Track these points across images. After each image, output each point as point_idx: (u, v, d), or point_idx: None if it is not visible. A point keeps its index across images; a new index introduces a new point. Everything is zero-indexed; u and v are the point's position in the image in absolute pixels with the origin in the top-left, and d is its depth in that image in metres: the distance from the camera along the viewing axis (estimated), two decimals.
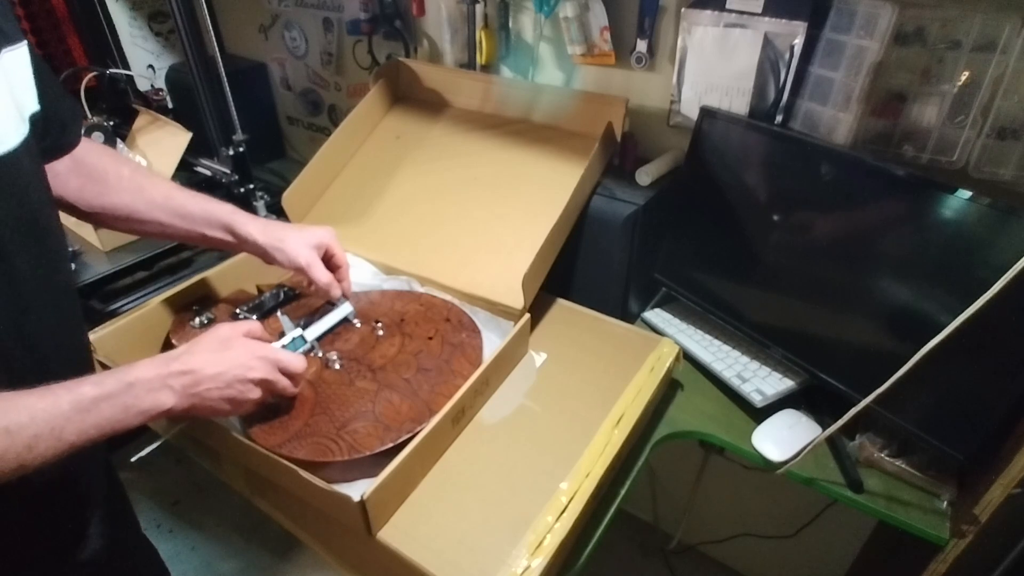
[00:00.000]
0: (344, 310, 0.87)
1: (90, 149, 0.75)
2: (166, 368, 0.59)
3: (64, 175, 0.72)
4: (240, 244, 0.80)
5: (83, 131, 0.74)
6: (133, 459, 0.73)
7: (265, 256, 0.81)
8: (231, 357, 0.63)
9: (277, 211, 1.08)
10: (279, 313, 0.85)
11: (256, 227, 0.80)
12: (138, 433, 0.63)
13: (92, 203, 0.74)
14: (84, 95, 1.42)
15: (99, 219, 0.77)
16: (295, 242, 0.80)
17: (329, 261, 0.84)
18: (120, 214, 0.76)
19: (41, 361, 0.60)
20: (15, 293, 0.57)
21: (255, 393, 0.65)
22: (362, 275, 1.02)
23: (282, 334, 0.80)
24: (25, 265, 0.57)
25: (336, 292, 0.83)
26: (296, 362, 0.69)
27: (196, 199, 0.79)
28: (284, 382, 0.68)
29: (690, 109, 1.07)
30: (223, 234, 0.79)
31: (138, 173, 0.78)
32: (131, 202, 0.76)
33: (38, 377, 0.53)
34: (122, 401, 0.56)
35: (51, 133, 0.67)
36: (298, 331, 0.80)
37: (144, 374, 0.58)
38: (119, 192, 0.75)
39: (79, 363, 0.68)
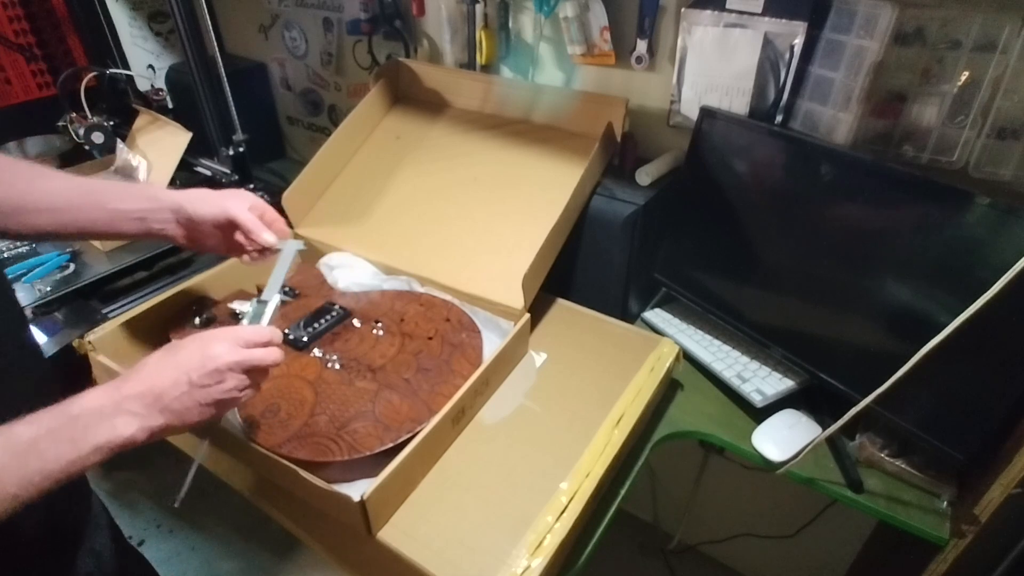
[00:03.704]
0: (293, 246, 0.80)
1: None
2: (118, 393, 0.54)
3: None
4: (158, 210, 0.74)
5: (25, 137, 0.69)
6: (176, 504, 0.67)
7: (186, 216, 0.74)
8: (182, 358, 0.58)
9: (277, 211, 1.08)
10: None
11: (177, 193, 0.75)
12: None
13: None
14: (84, 95, 1.42)
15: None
16: (219, 198, 0.75)
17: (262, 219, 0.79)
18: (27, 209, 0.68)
19: None
20: None
21: (235, 381, 0.59)
22: (362, 275, 1.02)
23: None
24: None
25: (269, 237, 0.77)
26: (260, 331, 0.63)
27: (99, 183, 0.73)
28: (260, 353, 0.62)
29: (690, 109, 1.07)
30: (143, 203, 0.73)
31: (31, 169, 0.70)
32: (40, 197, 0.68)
33: None
34: (68, 436, 0.49)
35: None
36: (253, 301, 0.74)
37: (90, 403, 0.52)
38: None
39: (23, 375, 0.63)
